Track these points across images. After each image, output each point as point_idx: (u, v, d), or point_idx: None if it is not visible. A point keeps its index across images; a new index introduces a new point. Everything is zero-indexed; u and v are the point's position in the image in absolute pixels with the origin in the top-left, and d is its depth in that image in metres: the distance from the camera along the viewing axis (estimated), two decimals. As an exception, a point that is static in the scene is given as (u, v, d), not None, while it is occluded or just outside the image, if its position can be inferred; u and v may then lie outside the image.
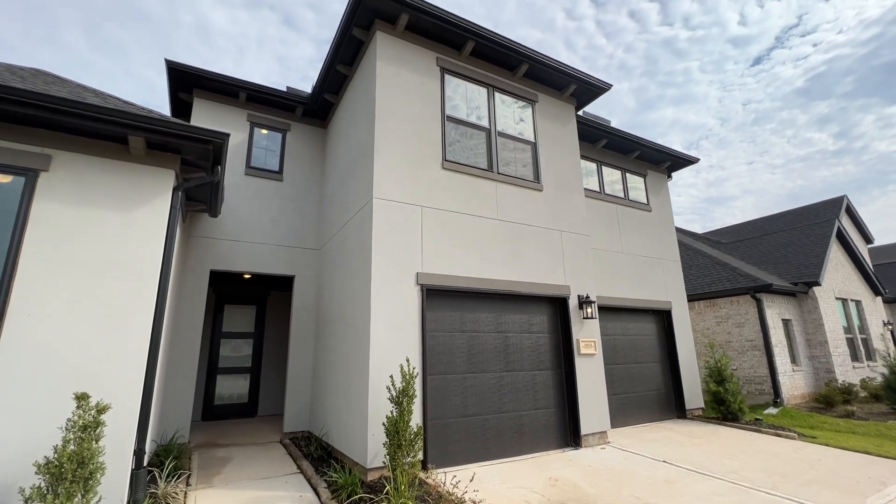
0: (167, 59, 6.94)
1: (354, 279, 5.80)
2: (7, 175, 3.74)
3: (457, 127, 6.48)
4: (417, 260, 5.56)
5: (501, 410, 5.89)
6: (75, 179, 3.95)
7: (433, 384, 5.42)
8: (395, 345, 5.15)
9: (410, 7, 5.86)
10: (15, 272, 3.59)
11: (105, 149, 4.12)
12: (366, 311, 5.21)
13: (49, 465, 3.01)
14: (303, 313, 7.58)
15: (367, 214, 5.57)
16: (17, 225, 3.67)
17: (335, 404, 6.00)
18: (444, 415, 5.44)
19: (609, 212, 9.05)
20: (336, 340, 6.33)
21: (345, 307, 6.10)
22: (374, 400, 4.86)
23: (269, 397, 9.46)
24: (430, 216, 5.81)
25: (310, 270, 7.81)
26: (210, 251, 7.07)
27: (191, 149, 4.30)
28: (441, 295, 5.73)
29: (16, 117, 3.69)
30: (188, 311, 6.69)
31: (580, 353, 6.60)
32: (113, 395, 3.56)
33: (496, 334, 6.15)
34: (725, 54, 76.05)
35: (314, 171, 8.34)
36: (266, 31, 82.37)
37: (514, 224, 6.54)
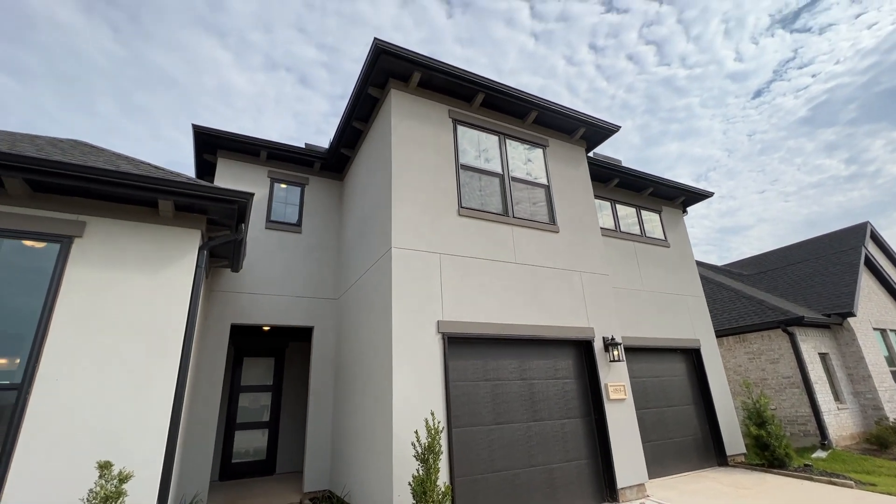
0: (194, 125, 7.34)
1: (374, 329, 5.75)
2: (43, 242, 3.88)
3: (471, 174, 6.62)
4: (438, 308, 5.51)
5: (531, 464, 5.59)
6: (107, 244, 4.09)
7: (459, 438, 5.20)
8: (418, 397, 5.01)
9: (422, 66, 6.17)
10: (46, 337, 3.65)
11: (136, 213, 4.28)
12: (387, 361, 5.12)
13: (69, 540, 2.91)
14: (322, 365, 7.49)
15: (386, 264, 5.60)
16: (51, 291, 3.77)
17: (357, 462, 5.77)
18: (472, 471, 5.18)
19: (626, 250, 8.97)
20: (356, 393, 6.19)
21: (365, 358, 6.02)
22: (399, 457, 4.66)
23: (288, 453, 9.18)
24: (448, 263, 5.81)
25: (329, 321, 7.79)
26: (231, 305, 7.14)
27: (217, 209, 4.44)
28: (463, 343, 5.62)
29: (58, 188, 3.89)
30: (208, 367, 6.67)
31: (609, 398, 6.33)
32: (135, 461, 3.49)
33: (521, 382, 5.95)
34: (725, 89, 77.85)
35: (332, 222, 8.52)
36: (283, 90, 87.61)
37: (532, 267, 6.50)
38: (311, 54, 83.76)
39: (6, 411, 3.41)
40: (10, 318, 3.64)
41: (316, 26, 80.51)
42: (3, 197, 3.81)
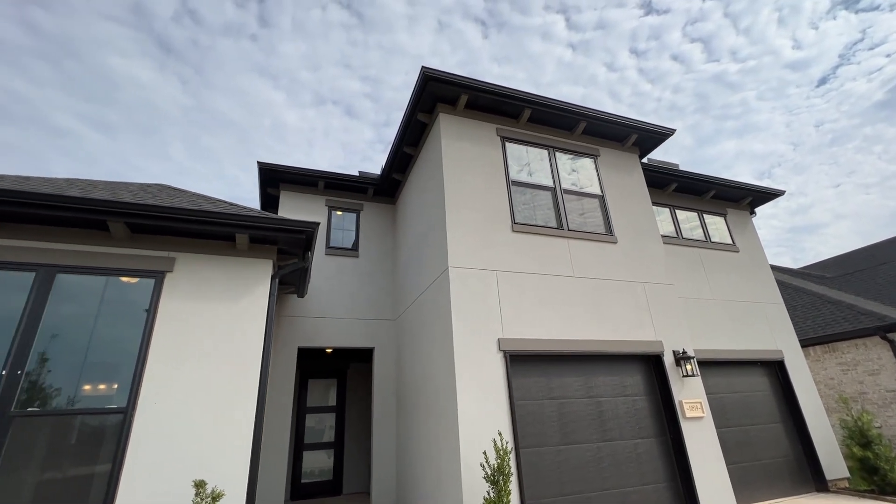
0: (258, 162, 7.93)
1: (435, 349, 5.80)
2: (142, 277, 4.31)
3: (522, 190, 6.61)
4: (497, 326, 5.49)
5: (604, 487, 5.32)
6: (193, 277, 4.47)
7: (527, 459, 5.07)
8: (483, 417, 4.96)
9: (468, 88, 6.32)
10: (145, 365, 4.02)
11: (216, 247, 4.66)
12: (450, 382, 5.13)
13: (172, 555, 3.13)
14: (384, 385, 7.63)
15: (443, 284, 5.68)
16: (148, 322, 4.16)
17: (424, 483, 5.78)
18: (542, 494, 5.01)
19: (691, 257, 8.49)
20: (419, 413, 6.24)
21: (426, 378, 6.07)
22: (468, 479, 4.62)
23: (354, 473, 9.34)
24: (505, 280, 5.79)
25: (388, 341, 7.96)
26: (297, 329, 7.49)
27: (286, 239, 4.74)
28: (524, 360, 5.54)
29: (152, 229, 4.34)
30: (279, 389, 7.00)
31: (685, 416, 5.93)
32: (223, 481, 3.71)
33: (587, 400, 5.74)
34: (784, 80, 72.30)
35: (386, 245, 8.79)
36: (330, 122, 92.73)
37: (591, 280, 6.32)
38: (356, 87, 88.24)
39: (115, 432, 3.77)
40: (116, 348, 4.05)
41: (359, 61, 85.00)
42: (107, 239, 4.30)
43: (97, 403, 3.88)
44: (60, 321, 3.98)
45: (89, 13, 61.44)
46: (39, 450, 3.62)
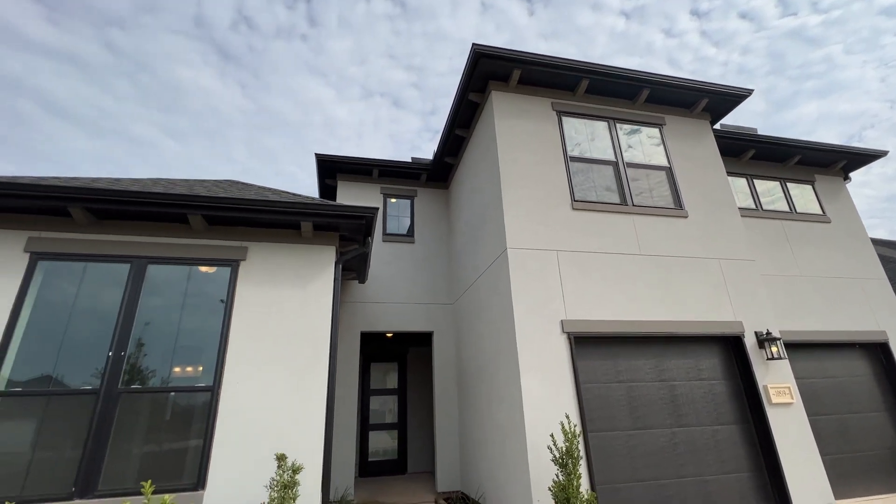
0: (316, 153, 8.18)
1: (496, 332, 5.74)
2: (219, 266, 4.61)
3: (581, 165, 6.31)
4: (559, 307, 5.32)
5: (680, 474, 5.05)
6: (263, 265, 4.71)
7: (595, 443, 4.92)
8: (548, 400, 4.86)
9: (521, 62, 6.08)
10: (227, 347, 4.31)
11: (283, 235, 4.86)
12: (513, 364, 5.06)
13: (260, 521, 3.36)
14: (444, 368, 7.71)
15: (502, 265, 5.58)
16: (227, 307, 4.45)
17: (489, 465, 5.79)
18: (613, 479, 4.85)
19: (773, 230, 7.73)
20: (481, 396, 6.24)
21: (487, 361, 6.04)
22: (535, 462, 4.56)
23: (417, 453, 9.61)
24: (566, 260, 5.58)
25: (446, 325, 8.02)
26: (359, 314, 7.74)
27: (347, 225, 4.85)
28: (590, 342, 5.33)
29: (226, 220, 4.61)
30: (344, 371, 7.29)
31: (771, 402, 5.46)
32: (300, 456, 3.91)
33: (659, 383, 5.44)
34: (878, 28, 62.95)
35: (441, 230, 8.80)
36: (379, 114, 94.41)
37: (659, 257, 5.94)
38: (402, 77, 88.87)
39: (205, 408, 4.09)
40: (201, 332, 4.38)
41: (403, 50, 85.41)
42: (187, 231, 4.63)
43: (187, 383, 4.23)
44: (152, 309, 4.36)
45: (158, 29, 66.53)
46: (143, 423, 4.02)
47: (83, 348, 4.09)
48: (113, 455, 3.82)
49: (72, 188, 4.11)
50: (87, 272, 4.35)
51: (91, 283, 4.33)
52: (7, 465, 3.66)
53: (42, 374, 3.96)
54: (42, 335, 4.06)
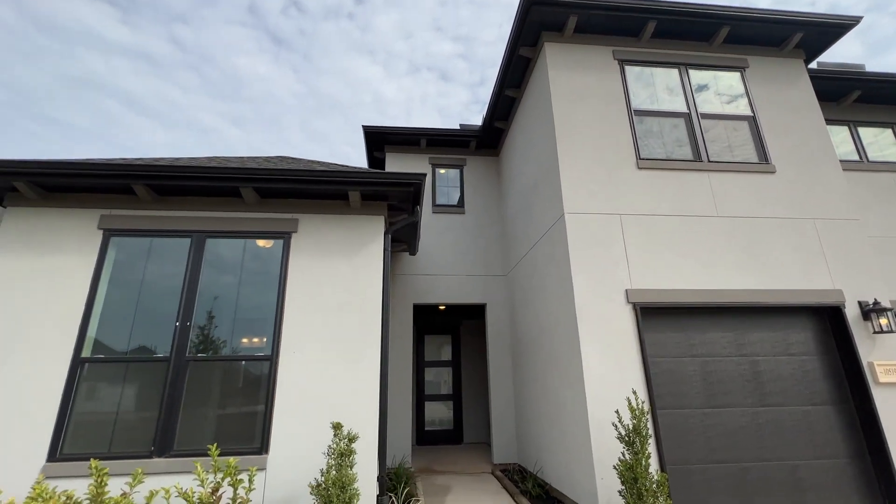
0: (363, 126, 8.08)
1: (553, 304, 5.43)
2: (272, 238, 4.65)
3: (648, 119, 5.67)
4: (624, 276, 4.89)
5: (764, 457, 4.57)
6: (314, 236, 4.69)
7: (665, 421, 4.54)
8: (611, 374, 4.53)
9: (578, 6, 5.48)
10: (283, 318, 4.37)
11: (332, 207, 4.80)
12: (573, 338, 4.76)
13: (318, 487, 3.40)
14: (498, 341, 7.54)
15: (559, 232, 5.21)
16: (281, 279, 4.49)
17: (547, 440, 5.60)
18: (685, 459, 4.48)
19: (883, 185, 6.64)
20: (537, 370, 6.00)
21: (544, 333, 5.76)
22: (598, 439, 4.29)
23: (473, 425, 9.65)
24: (631, 224, 5.10)
25: (500, 297, 7.79)
26: (410, 287, 7.70)
27: (396, 194, 4.69)
28: (658, 313, 4.88)
29: (277, 192, 4.61)
30: (398, 342, 7.33)
31: (878, 381, 4.75)
32: (355, 425, 3.91)
33: (739, 358, 4.90)
34: None
35: (492, 199, 8.47)
36: (426, 89, 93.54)
37: (741, 219, 5.27)
38: (448, 49, 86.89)
39: (265, 377, 4.21)
40: (258, 303, 4.48)
41: (450, 20, 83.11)
42: (241, 205, 4.69)
43: (248, 352, 4.35)
44: (213, 282, 4.50)
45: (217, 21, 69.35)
46: (210, 389, 4.20)
47: (154, 319, 4.31)
48: (185, 419, 4.04)
49: (136, 166, 4.26)
50: (152, 248, 4.55)
51: (157, 258, 4.53)
52: (95, 425, 3.97)
53: (120, 343, 4.23)
54: (118, 307, 4.32)
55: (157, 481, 3.59)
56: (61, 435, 3.85)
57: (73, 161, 4.25)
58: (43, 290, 4.21)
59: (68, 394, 3.95)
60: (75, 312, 4.18)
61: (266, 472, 3.90)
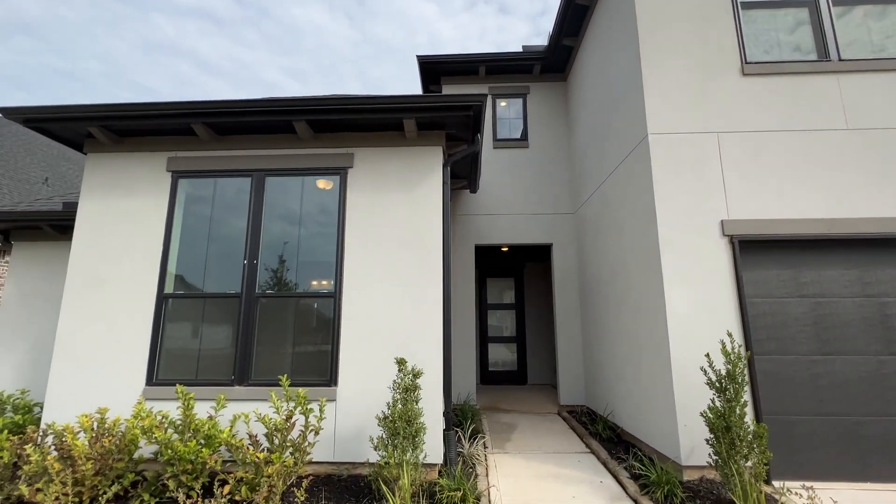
0: (418, 56, 7.53)
1: (630, 240, 4.89)
2: (329, 175, 4.51)
3: (757, 12, 4.62)
4: (719, 205, 4.20)
5: (888, 413, 3.92)
6: (370, 170, 4.48)
7: (763, 367, 4.01)
8: (699, 316, 4.02)
9: None
10: (343, 256, 4.30)
11: (387, 139, 4.52)
12: (654, 277, 4.25)
13: (386, 419, 3.41)
14: (565, 282, 7.14)
15: (640, 158, 4.55)
16: (340, 217, 4.39)
17: (619, 383, 5.29)
18: (786, 410, 3.97)
19: None
20: (609, 312, 5.58)
21: (618, 275, 5.27)
22: (681, 384, 3.90)
23: (537, 367, 9.56)
24: (731, 143, 4.31)
25: (567, 237, 7.28)
26: (471, 227, 7.41)
27: (453, 120, 4.29)
28: (761, 248, 4.19)
29: (330, 125, 4.41)
30: (460, 283, 7.19)
31: None
32: (419, 362, 3.84)
33: (862, 300, 4.13)
34: None
35: (558, 130, 7.72)
36: (484, 24, 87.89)
37: (878, 132, 4.25)
38: (506, -27, 79.54)
39: (330, 313, 4.24)
40: (319, 240, 4.44)
41: (506, -61, 75.40)
42: (297, 141, 4.56)
43: (312, 289, 4.38)
44: (275, 222, 4.50)
45: (268, -33, 68.48)
46: (280, 325, 4.33)
47: (224, 258, 4.44)
48: (259, 352, 4.22)
49: (194, 103, 4.22)
50: (217, 189, 4.61)
51: (222, 199, 4.59)
52: (182, 355, 4.28)
53: (196, 280, 4.43)
54: (191, 247, 4.49)
55: (238, 407, 3.82)
56: (155, 363, 4.19)
57: (136, 103, 4.29)
58: (126, 230, 4.46)
59: (157, 326, 4.24)
60: (154, 252, 4.40)
61: (336, 403, 4.00)
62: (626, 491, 3.78)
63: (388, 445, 3.33)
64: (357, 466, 3.92)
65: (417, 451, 3.36)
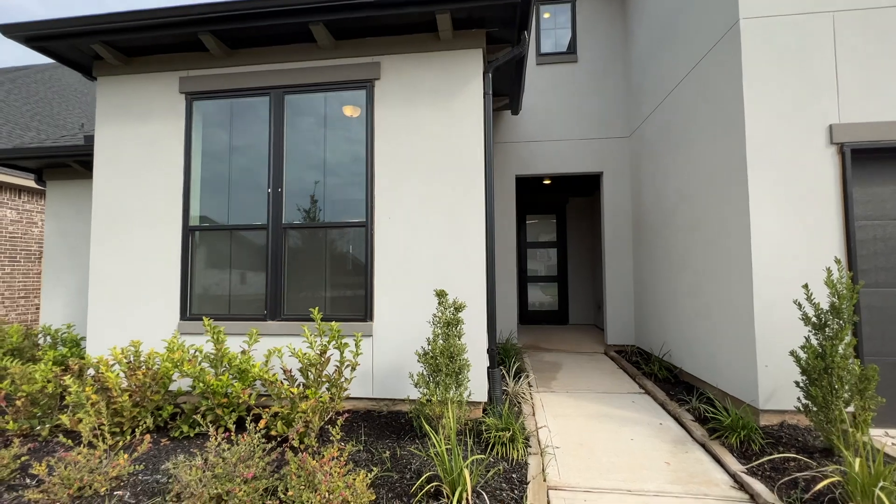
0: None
1: (705, 156, 4.16)
2: (354, 89, 3.98)
3: None
4: (828, 105, 3.40)
5: None
6: (399, 81, 3.91)
7: (867, 302, 3.39)
8: (792, 240, 3.39)
9: None
10: (374, 179, 3.87)
11: (418, 43, 3.89)
12: (737, 197, 3.59)
13: (426, 355, 3.11)
14: (616, 215, 6.48)
15: (727, 51, 3.72)
16: (368, 139, 3.90)
17: (680, 320, 4.79)
18: (892, 350, 3.38)
19: None
20: (673, 243, 4.97)
21: (685, 200, 4.60)
22: (764, 319, 3.36)
23: (579, 307, 9.17)
24: (850, 26, 3.40)
25: (620, 164, 6.52)
26: (512, 156, 6.76)
27: (496, 13, 3.59)
28: (877, 158, 3.41)
29: (352, 28, 3.81)
30: (500, 217, 6.69)
31: None
32: (460, 295, 3.48)
33: None
34: None
35: (613, 38, 6.68)
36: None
37: None
38: None
39: (362, 244, 3.89)
40: (347, 164, 4.00)
41: None
42: (316, 52, 4.01)
43: (342, 218, 4.01)
44: (298, 147, 4.07)
45: None
46: (310, 257, 4.04)
47: (247, 187, 4.11)
48: (291, 286, 3.98)
49: (199, 6, 3.69)
50: (234, 111, 4.19)
51: (241, 123, 4.18)
52: (214, 290, 4.11)
53: (220, 212, 4.16)
54: (213, 177, 4.18)
55: (272, 342, 3.64)
56: (187, 298, 4.04)
57: (137, 11, 3.80)
58: (144, 159, 4.19)
59: (185, 260, 4.06)
60: (176, 182, 4.13)
61: (372, 338, 3.75)
62: (691, 435, 3.42)
63: (430, 382, 3.06)
64: (397, 403, 3.73)
65: (461, 388, 3.08)
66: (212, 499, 2.20)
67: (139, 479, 2.63)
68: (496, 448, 2.97)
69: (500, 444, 2.98)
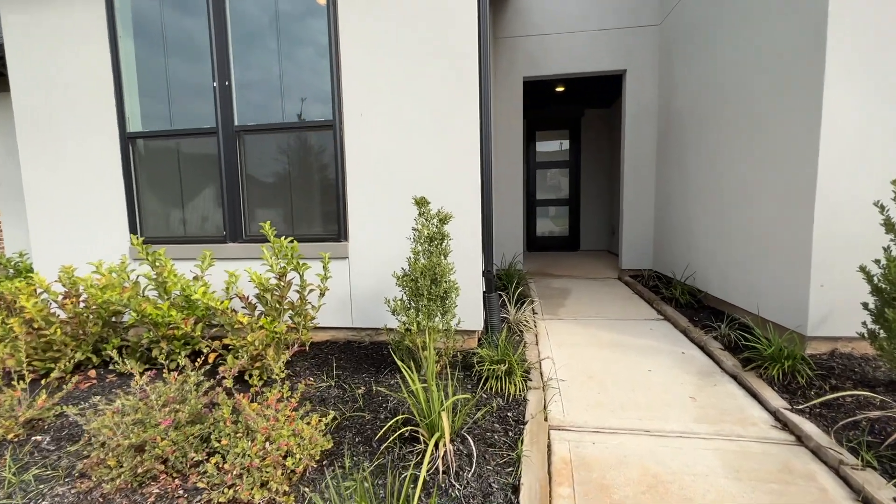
0: None
1: (761, 33, 3.25)
2: (306, -57, 3.07)
3: None
4: (955, -69, 2.44)
5: None
6: (367, -69, 2.97)
7: (962, 205, 2.68)
8: (873, 133, 2.61)
9: None
10: (341, 74, 3.09)
11: None
12: (805, 77, 2.76)
13: (405, 277, 2.57)
14: (639, 122, 5.59)
15: None
16: (331, 17, 3.05)
17: (713, 239, 4.14)
18: (983, 265, 2.73)
19: None
20: (713, 148, 4.18)
21: (729, 92, 3.74)
22: (825, 228, 2.70)
23: (591, 231, 8.53)
24: None
25: (647, 59, 5.49)
26: (518, 54, 5.75)
27: None
28: None
29: None
30: (505, 132, 5.86)
31: None
32: (449, 205, 2.86)
33: None
34: None
35: None
36: None
37: None
38: None
39: (331, 149, 3.22)
40: (309, 56, 3.20)
41: None
42: None
43: (306, 117, 3.29)
44: (245, 30, 3.25)
45: None
46: (270, 167, 3.39)
47: (189, 83, 3.37)
48: (253, 202, 3.39)
49: None
50: (166, -16, 3.32)
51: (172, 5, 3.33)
52: (165, 209, 3.54)
53: (161, 116, 3.46)
54: (148, 73, 3.43)
55: (232, 266, 3.13)
56: (136, 219, 3.50)
57: None
58: (65, 52, 3.42)
59: (128, 174, 3.46)
60: (105, 81, 3.40)
61: (349, 260, 3.21)
62: (720, 365, 2.92)
63: (410, 309, 2.54)
64: (380, 333, 3.28)
65: (448, 315, 2.56)
66: (131, 447, 1.79)
67: (68, 423, 2.25)
68: (489, 382, 2.52)
69: (493, 377, 2.52)
